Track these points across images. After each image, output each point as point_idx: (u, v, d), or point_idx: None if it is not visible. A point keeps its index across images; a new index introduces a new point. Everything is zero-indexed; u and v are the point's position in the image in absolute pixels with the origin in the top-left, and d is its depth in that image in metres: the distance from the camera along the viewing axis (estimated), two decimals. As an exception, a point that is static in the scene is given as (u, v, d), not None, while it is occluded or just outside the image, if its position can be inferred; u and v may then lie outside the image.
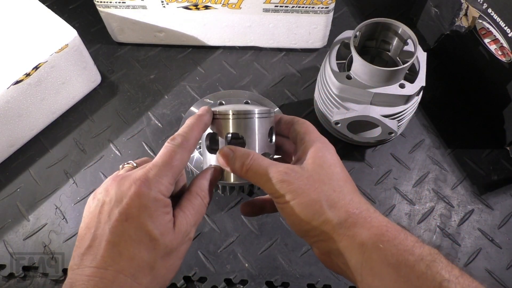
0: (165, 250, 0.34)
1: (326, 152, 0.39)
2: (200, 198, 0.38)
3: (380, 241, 0.34)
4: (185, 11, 0.72)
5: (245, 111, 0.41)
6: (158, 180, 0.34)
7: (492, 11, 0.60)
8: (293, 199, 0.36)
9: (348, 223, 0.35)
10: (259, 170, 0.37)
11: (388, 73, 0.55)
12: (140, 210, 0.33)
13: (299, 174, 0.37)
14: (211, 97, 0.66)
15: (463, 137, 0.69)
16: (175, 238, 0.34)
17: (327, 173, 0.37)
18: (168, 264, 0.35)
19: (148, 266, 0.33)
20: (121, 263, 0.32)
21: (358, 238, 0.35)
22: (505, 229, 0.62)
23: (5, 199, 0.65)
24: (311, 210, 0.36)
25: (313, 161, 0.38)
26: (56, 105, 0.70)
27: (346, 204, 0.36)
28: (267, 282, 0.58)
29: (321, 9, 0.70)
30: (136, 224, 0.33)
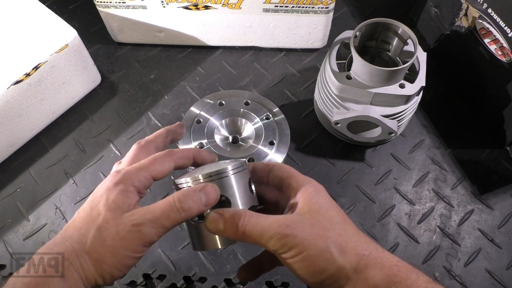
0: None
1: (318, 195, 0.37)
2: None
3: (393, 282, 0.33)
4: (185, 11, 0.72)
5: (217, 171, 0.37)
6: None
7: (492, 11, 0.60)
8: (301, 253, 0.34)
9: (361, 266, 0.34)
10: (256, 229, 0.35)
11: (388, 73, 0.55)
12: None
13: (300, 224, 0.34)
14: (211, 97, 0.66)
15: (463, 137, 0.69)
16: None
17: (327, 217, 0.35)
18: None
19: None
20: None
21: (371, 281, 0.34)
22: (505, 229, 0.62)
23: (5, 199, 0.65)
24: (323, 260, 0.34)
25: (309, 208, 0.36)
26: (56, 105, 0.70)
27: (355, 247, 0.35)
28: (267, 282, 0.58)
29: (321, 9, 0.70)
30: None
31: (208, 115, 0.63)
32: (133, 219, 0.34)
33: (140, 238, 0.34)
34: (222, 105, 0.64)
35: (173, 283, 0.59)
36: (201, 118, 0.63)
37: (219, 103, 0.64)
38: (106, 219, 0.34)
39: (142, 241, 0.34)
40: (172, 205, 0.35)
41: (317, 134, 0.70)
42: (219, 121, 0.63)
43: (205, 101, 0.65)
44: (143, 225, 0.34)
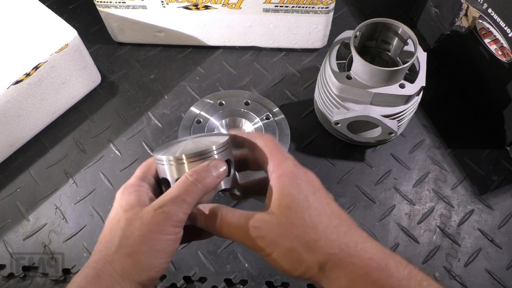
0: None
1: (292, 186, 0.35)
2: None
3: (366, 284, 0.32)
4: (185, 11, 0.72)
5: (200, 151, 0.37)
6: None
7: (492, 11, 0.60)
8: (271, 253, 0.34)
9: (329, 266, 0.33)
10: (229, 230, 0.36)
11: (388, 73, 0.55)
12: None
13: (269, 224, 0.34)
14: (211, 97, 0.66)
15: (463, 137, 0.69)
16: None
17: (297, 213, 0.34)
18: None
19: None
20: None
21: (343, 281, 0.33)
22: (505, 229, 0.62)
23: (5, 199, 0.65)
24: (291, 260, 0.34)
25: (279, 203, 0.35)
26: (56, 105, 0.70)
27: (324, 245, 0.34)
28: (267, 282, 0.58)
29: (321, 9, 0.70)
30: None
31: (208, 115, 0.63)
32: (153, 205, 0.34)
33: (166, 218, 0.34)
34: (222, 105, 0.64)
35: (173, 283, 0.59)
36: (201, 118, 0.63)
37: (219, 103, 0.64)
38: (128, 218, 0.35)
39: (170, 221, 0.34)
40: (186, 181, 0.35)
41: (317, 134, 0.70)
42: (219, 121, 0.63)
43: (205, 101, 0.65)
44: (165, 205, 0.34)
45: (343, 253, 0.33)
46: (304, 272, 0.34)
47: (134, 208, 0.35)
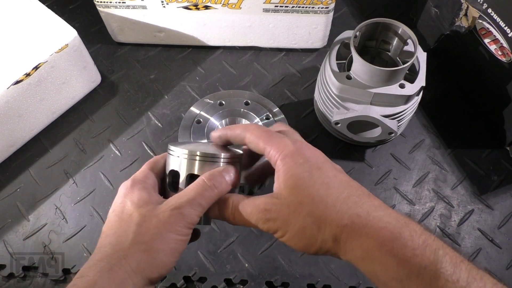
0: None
1: (296, 166, 0.35)
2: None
3: (380, 253, 0.32)
4: (185, 11, 0.72)
5: (212, 154, 0.39)
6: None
7: (492, 11, 0.60)
8: (284, 234, 0.35)
9: (343, 238, 0.33)
10: (242, 216, 0.37)
11: (388, 73, 0.55)
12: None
13: (278, 206, 0.35)
14: (211, 97, 0.66)
15: (463, 137, 0.69)
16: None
17: (304, 191, 0.35)
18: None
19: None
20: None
21: (358, 252, 0.33)
22: (505, 229, 0.62)
23: (5, 199, 0.65)
24: (306, 237, 0.34)
25: (285, 185, 0.35)
26: (56, 105, 0.70)
27: (335, 218, 0.33)
28: (267, 282, 0.58)
29: (321, 9, 0.70)
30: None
31: (208, 115, 0.63)
32: (171, 205, 0.35)
33: (182, 219, 0.35)
34: (222, 105, 0.64)
35: (173, 283, 0.59)
36: (201, 118, 0.63)
37: (219, 103, 0.64)
38: (142, 214, 0.36)
39: (185, 222, 0.35)
40: (204, 185, 0.37)
41: (317, 134, 0.70)
42: (219, 121, 0.63)
43: (205, 101, 0.65)
44: (182, 207, 0.35)
45: (355, 225, 0.33)
46: (320, 247, 0.34)
47: (148, 205, 0.36)
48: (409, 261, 0.31)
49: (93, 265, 0.35)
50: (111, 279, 0.33)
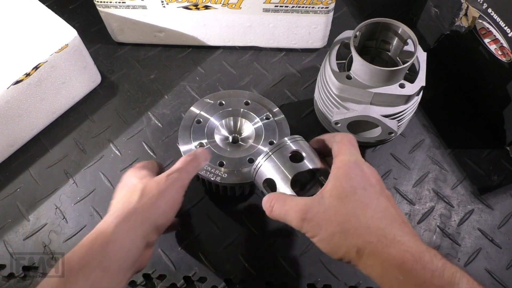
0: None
1: (345, 180, 0.40)
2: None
3: (400, 273, 0.34)
4: (185, 11, 0.72)
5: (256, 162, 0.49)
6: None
7: (492, 11, 0.60)
8: (315, 235, 0.39)
9: (366, 253, 0.36)
10: (280, 212, 0.43)
11: (388, 73, 0.55)
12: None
13: (316, 210, 0.39)
14: (211, 97, 0.66)
15: (463, 137, 0.69)
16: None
17: (343, 202, 0.39)
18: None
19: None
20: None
21: (377, 269, 0.35)
22: (505, 229, 0.62)
23: (5, 199, 0.65)
24: (332, 244, 0.38)
25: (330, 193, 0.40)
26: (56, 105, 0.70)
27: (363, 233, 0.37)
28: (267, 282, 0.58)
29: (321, 9, 0.70)
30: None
31: (208, 115, 0.63)
32: (165, 174, 0.46)
33: (174, 181, 0.45)
34: (222, 105, 0.64)
35: (173, 283, 0.59)
36: (201, 118, 0.63)
37: (219, 103, 0.64)
38: (144, 183, 0.45)
39: (178, 183, 0.45)
40: (187, 157, 0.49)
41: (317, 134, 0.69)
42: (219, 121, 0.63)
43: (205, 101, 0.65)
44: (173, 173, 0.46)
45: (380, 243, 0.36)
46: (343, 255, 0.38)
47: (147, 177, 0.46)
48: (427, 281, 0.32)
49: (104, 221, 0.42)
50: (126, 225, 0.41)
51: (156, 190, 0.44)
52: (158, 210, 0.43)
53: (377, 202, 0.39)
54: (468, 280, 0.33)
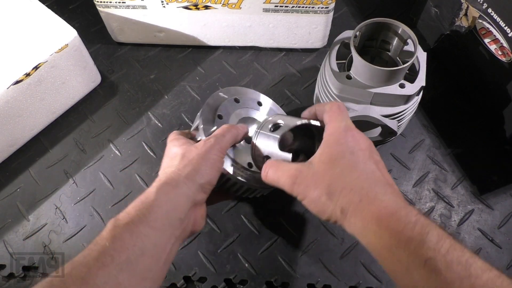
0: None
1: (335, 145, 0.42)
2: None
3: (377, 226, 0.37)
4: (185, 11, 0.72)
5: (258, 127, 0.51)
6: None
7: (492, 11, 0.60)
8: (304, 198, 0.42)
9: (350, 212, 0.39)
10: (273, 177, 0.45)
11: (388, 73, 0.55)
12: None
13: (305, 174, 0.42)
14: (226, 91, 0.59)
15: (463, 137, 0.69)
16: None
17: (331, 166, 0.41)
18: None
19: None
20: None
21: (358, 225, 0.38)
22: (505, 229, 0.62)
23: (5, 199, 0.65)
24: (319, 204, 0.41)
25: (319, 159, 0.42)
26: (56, 105, 0.70)
27: (347, 194, 0.39)
28: (267, 282, 0.58)
29: (321, 9, 0.70)
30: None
31: (228, 111, 0.57)
32: (203, 140, 0.48)
33: (213, 145, 0.46)
34: (238, 101, 0.58)
35: (173, 283, 0.59)
36: (222, 113, 0.56)
37: (235, 99, 0.58)
38: (185, 148, 0.47)
39: (217, 147, 0.46)
40: (225, 127, 0.49)
41: (317, 134, 0.70)
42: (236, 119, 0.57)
43: (220, 95, 0.58)
44: (212, 137, 0.47)
45: (362, 202, 0.38)
46: (330, 215, 0.40)
47: (186, 144, 0.48)
48: (399, 233, 0.35)
49: (149, 188, 0.43)
50: (165, 189, 0.42)
51: (195, 153, 0.45)
52: (198, 170, 0.44)
53: (363, 166, 0.41)
54: (438, 233, 0.35)
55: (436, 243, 0.34)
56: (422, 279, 0.33)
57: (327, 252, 0.60)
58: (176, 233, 0.41)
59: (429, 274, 0.33)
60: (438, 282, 0.32)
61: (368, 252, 0.39)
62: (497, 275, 0.32)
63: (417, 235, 0.34)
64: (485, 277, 0.32)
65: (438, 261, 0.33)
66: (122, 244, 0.37)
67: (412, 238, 0.34)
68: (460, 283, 0.32)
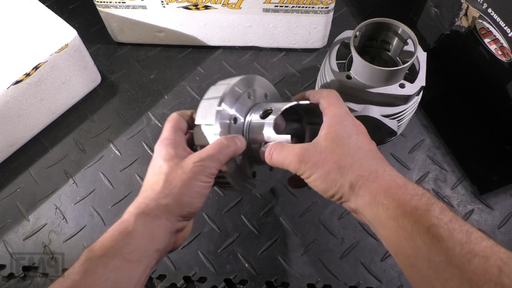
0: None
1: (339, 126, 0.43)
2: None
3: (385, 197, 0.38)
4: (185, 11, 0.72)
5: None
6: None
7: (492, 11, 0.60)
8: (312, 174, 0.41)
9: (358, 185, 0.39)
10: (279, 158, 0.44)
11: (388, 73, 0.55)
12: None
13: (312, 152, 0.42)
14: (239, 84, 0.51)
15: (463, 137, 0.69)
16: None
17: (338, 144, 0.42)
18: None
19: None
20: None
21: (366, 198, 0.39)
22: (505, 229, 0.62)
23: (5, 199, 0.65)
24: (328, 180, 0.41)
25: (325, 138, 0.42)
26: (56, 105, 0.70)
27: (357, 169, 0.40)
28: (267, 282, 0.58)
29: (321, 9, 0.70)
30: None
31: (242, 113, 0.50)
32: (193, 159, 0.42)
33: (202, 170, 0.42)
34: (250, 97, 0.51)
35: (173, 283, 0.59)
36: (236, 116, 0.49)
37: (248, 95, 0.51)
38: (169, 166, 0.43)
39: (205, 172, 0.42)
40: (222, 143, 0.44)
41: (317, 134, 0.70)
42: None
43: (236, 90, 0.50)
44: (203, 160, 0.42)
45: (371, 175, 0.39)
46: (336, 191, 0.41)
47: (174, 159, 0.43)
48: (406, 204, 0.37)
49: (132, 206, 0.41)
50: (148, 214, 0.40)
51: (179, 180, 0.41)
52: (180, 201, 0.41)
53: (368, 147, 0.42)
54: (441, 206, 0.36)
55: (439, 213, 0.36)
56: (425, 244, 0.34)
57: (327, 252, 0.60)
58: (152, 264, 0.40)
59: (431, 240, 0.34)
60: (440, 247, 0.33)
61: (371, 228, 0.40)
62: (494, 244, 0.33)
63: (422, 205, 0.36)
64: (484, 244, 0.33)
65: (441, 228, 0.34)
66: (94, 278, 0.36)
67: (417, 208, 0.36)
68: (460, 248, 0.33)
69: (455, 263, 0.32)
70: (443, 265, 0.33)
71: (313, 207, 0.64)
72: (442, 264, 0.33)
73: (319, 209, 0.63)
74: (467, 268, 0.32)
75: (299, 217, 0.63)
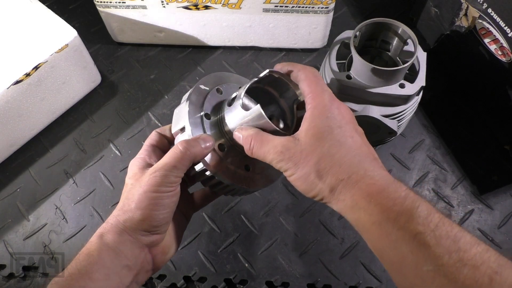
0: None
1: (320, 120, 0.40)
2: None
3: (366, 203, 0.36)
4: (185, 11, 0.72)
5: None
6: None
7: (492, 11, 0.60)
8: (292, 174, 0.40)
9: (338, 189, 0.38)
10: (260, 152, 0.42)
11: (388, 73, 0.55)
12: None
13: (293, 150, 0.40)
14: (205, 82, 0.50)
15: (463, 137, 0.69)
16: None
17: (319, 141, 0.39)
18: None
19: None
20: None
21: (348, 202, 0.38)
22: (505, 229, 0.62)
23: (5, 199, 0.65)
24: (307, 182, 0.39)
25: (305, 134, 0.40)
26: (56, 105, 0.70)
27: (336, 172, 0.38)
28: (267, 282, 0.58)
29: (321, 9, 0.70)
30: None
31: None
32: (149, 171, 0.42)
33: (159, 180, 0.40)
34: (220, 92, 0.51)
35: (173, 283, 0.59)
36: (208, 110, 0.49)
37: (217, 90, 0.51)
38: (131, 184, 0.42)
39: (162, 183, 0.40)
40: (177, 150, 0.42)
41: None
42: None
43: (202, 88, 0.50)
44: (157, 171, 0.41)
45: (351, 179, 0.38)
46: (316, 193, 0.39)
47: (136, 175, 0.43)
48: (389, 209, 0.35)
49: (94, 235, 0.41)
50: (113, 232, 0.40)
51: (137, 194, 0.41)
52: (138, 216, 0.40)
53: (351, 140, 0.40)
54: (427, 208, 0.35)
55: (425, 218, 0.34)
56: (411, 252, 0.33)
57: (327, 252, 0.60)
58: (126, 281, 0.40)
59: (418, 248, 0.33)
60: (427, 255, 0.32)
61: (355, 228, 0.39)
62: (485, 249, 0.33)
63: (406, 210, 0.35)
64: (473, 251, 0.32)
65: (428, 235, 0.33)
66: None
67: (401, 213, 0.35)
68: (449, 257, 0.32)
69: (443, 272, 0.32)
70: (431, 274, 0.32)
71: (313, 207, 0.64)
72: (430, 274, 0.32)
73: (319, 209, 0.63)
74: (457, 279, 0.31)
75: (299, 217, 0.63)
